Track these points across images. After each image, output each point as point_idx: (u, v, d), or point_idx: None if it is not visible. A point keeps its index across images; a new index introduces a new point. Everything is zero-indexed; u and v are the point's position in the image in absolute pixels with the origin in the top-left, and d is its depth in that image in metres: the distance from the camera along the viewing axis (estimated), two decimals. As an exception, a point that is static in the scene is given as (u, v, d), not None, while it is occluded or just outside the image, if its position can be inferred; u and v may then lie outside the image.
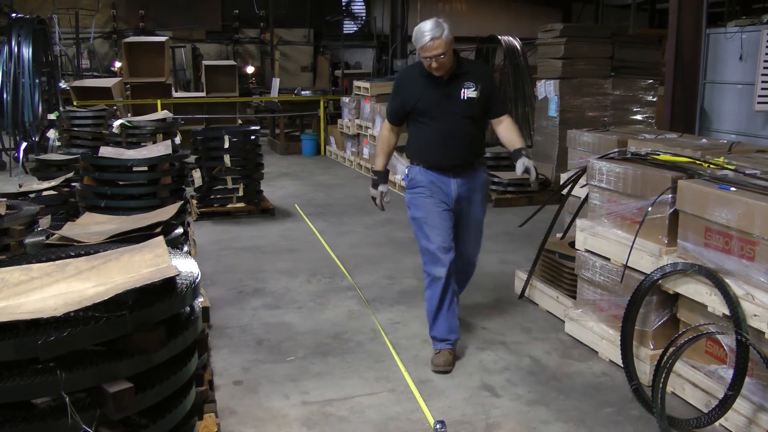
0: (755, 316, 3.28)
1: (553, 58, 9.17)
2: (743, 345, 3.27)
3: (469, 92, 4.17)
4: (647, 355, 3.95)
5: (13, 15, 11.82)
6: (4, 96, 10.61)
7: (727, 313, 3.38)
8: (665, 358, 3.51)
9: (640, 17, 20.74)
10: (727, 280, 3.43)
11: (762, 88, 7.91)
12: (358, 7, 22.35)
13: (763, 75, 7.88)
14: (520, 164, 4.17)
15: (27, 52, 10.63)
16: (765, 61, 7.84)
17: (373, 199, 4.60)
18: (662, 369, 3.46)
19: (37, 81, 10.76)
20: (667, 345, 3.63)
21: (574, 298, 4.77)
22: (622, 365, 3.94)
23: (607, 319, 4.35)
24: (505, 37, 13.06)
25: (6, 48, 10.64)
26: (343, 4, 22.02)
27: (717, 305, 3.47)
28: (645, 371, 3.93)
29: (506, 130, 4.35)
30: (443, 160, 4.23)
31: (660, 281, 3.79)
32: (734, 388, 3.31)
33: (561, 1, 23.65)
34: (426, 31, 3.97)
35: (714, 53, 8.59)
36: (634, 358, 3.90)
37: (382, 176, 4.55)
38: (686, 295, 3.71)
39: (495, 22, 21.56)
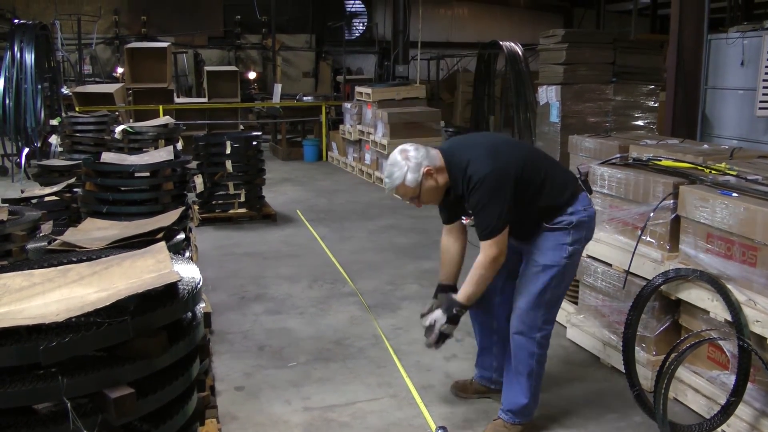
0: (757, 321, 3.28)
1: (554, 64, 9.16)
2: (745, 351, 3.27)
3: (468, 221, 3.64)
4: (649, 361, 3.95)
5: (16, 21, 11.85)
6: (7, 102, 10.64)
7: (729, 318, 3.38)
8: (667, 363, 3.51)
9: (642, 23, 20.76)
10: (728, 286, 3.43)
11: (763, 94, 7.91)
12: (360, 13, 22.38)
13: (764, 80, 7.88)
14: (429, 317, 3.41)
15: (29, 57, 10.66)
16: (766, 66, 7.84)
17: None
18: (664, 375, 3.45)
19: (39, 87, 10.78)
20: (669, 351, 3.63)
21: (576, 303, 4.77)
22: (624, 371, 3.93)
23: (609, 325, 4.34)
24: (507, 43, 13.07)
25: (8, 54, 10.67)
26: (346, 11, 22.06)
27: (719, 311, 3.47)
28: (647, 377, 3.92)
29: (472, 269, 3.34)
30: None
31: (662, 287, 3.79)
32: (736, 394, 3.31)
33: (562, 6, 23.70)
34: (387, 175, 3.37)
35: (715, 59, 8.60)
36: (636, 363, 3.90)
37: (438, 290, 3.70)
38: (688, 300, 3.71)
39: (497, 27, 21.60)
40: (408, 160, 3.29)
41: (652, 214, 3.94)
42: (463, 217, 3.67)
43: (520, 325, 3.46)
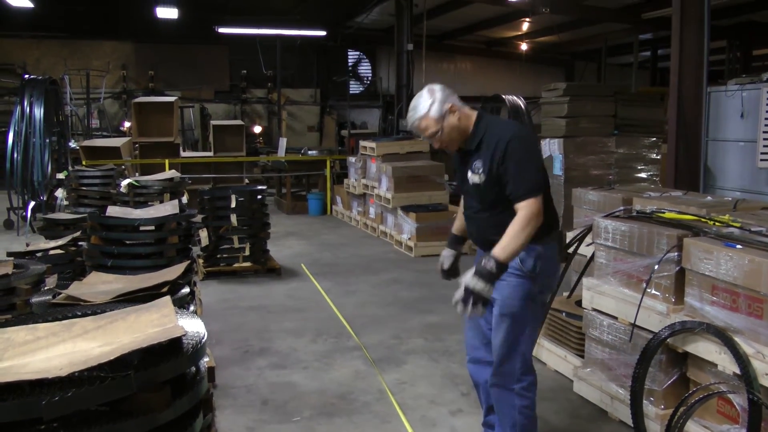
0: (766, 374, 3.24)
1: (556, 117, 9.26)
2: (755, 404, 3.23)
3: (473, 176, 3.37)
4: (657, 415, 3.90)
5: (26, 76, 12.04)
6: (15, 155, 10.74)
7: (738, 371, 3.35)
8: (676, 417, 3.46)
9: (642, 75, 21.06)
10: (736, 339, 3.41)
11: (764, 145, 7.96)
12: (365, 68, 22.74)
13: (764, 132, 7.94)
14: (462, 282, 3.17)
15: (38, 112, 10.81)
16: (766, 118, 7.91)
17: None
18: (673, 429, 3.41)
19: (47, 141, 10.90)
20: (677, 404, 3.59)
21: (582, 357, 4.73)
22: (632, 425, 3.89)
23: (616, 378, 4.30)
24: (510, 96, 13.23)
25: (18, 108, 10.82)
26: (350, 65, 22.43)
27: (727, 364, 3.44)
28: (656, 431, 3.87)
29: (510, 225, 3.21)
30: (470, 235, 3.67)
31: (668, 340, 3.76)
32: (747, 449, 3.26)
33: (564, 60, 24.07)
34: (411, 108, 3.38)
35: (715, 111, 8.68)
36: (644, 417, 3.85)
37: (450, 240, 3.80)
38: (695, 353, 3.68)
39: (499, 81, 21.93)
40: (434, 95, 3.34)
41: (656, 267, 3.94)
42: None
43: (496, 378, 3.41)
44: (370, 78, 22.72)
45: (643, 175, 9.45)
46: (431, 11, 15.96)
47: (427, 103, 3.32)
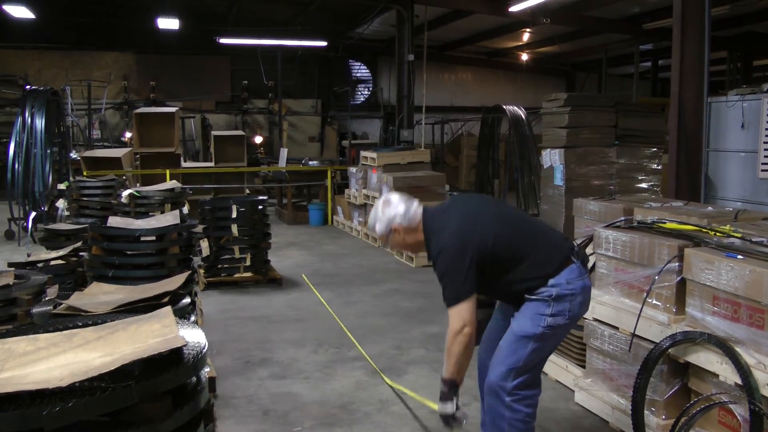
0: None
1: (557, 127, 9.26)
2: (757, 415, 3.22)
3: None
4: (659, 425, 3.89)
5: (28, 87, 12.07)
6: (16, 166, 10.76)
7: (739, 382, 3.34)
8: (677, 428, 3.46)
9: (643, 86, 21.10)
10: (737, 349, 3.40)
11: (765, 156, 7.97)
12: (365, 85, 22.80)
13: (765, 143, 7.95)
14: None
15: (40, 123, 10.83)
16: (766, 129, 7.92)
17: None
18: (675, 440, 3.40)
19: (48, 151, 10.92)
20: (679, 415, 3.58)
21: (584, 367, 4.72)
22: (633, 436, 3.87)
23: (617, 389, 4.29)
24: (510, 107, 13.24)
25: (20, 119, 10.85)
26: (352, 76, 22.49)
27: (728, 374, 3.43)
28: (657, 442, 3.86)
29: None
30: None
31: (670, 350, 3.76)
32: (749, 459, 3.25)
33: (565, 70, 24.12)
34: (370, 218, 3.58)
35: (716, 121, 8.70)
36: (645, 428, 3.84)
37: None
38: (697, 364, 3.67)
39: (500, 91, 21.98)
40: (386, 212, 3.47)
41: (657, 277, 3.93)
42: None
43: (489, 388, 3.35)
44: (370, 89, 22.78)
45: (644, 185, 9.44)
46: (432, 22, 16.01)
47: (373, 219, 3.53)
